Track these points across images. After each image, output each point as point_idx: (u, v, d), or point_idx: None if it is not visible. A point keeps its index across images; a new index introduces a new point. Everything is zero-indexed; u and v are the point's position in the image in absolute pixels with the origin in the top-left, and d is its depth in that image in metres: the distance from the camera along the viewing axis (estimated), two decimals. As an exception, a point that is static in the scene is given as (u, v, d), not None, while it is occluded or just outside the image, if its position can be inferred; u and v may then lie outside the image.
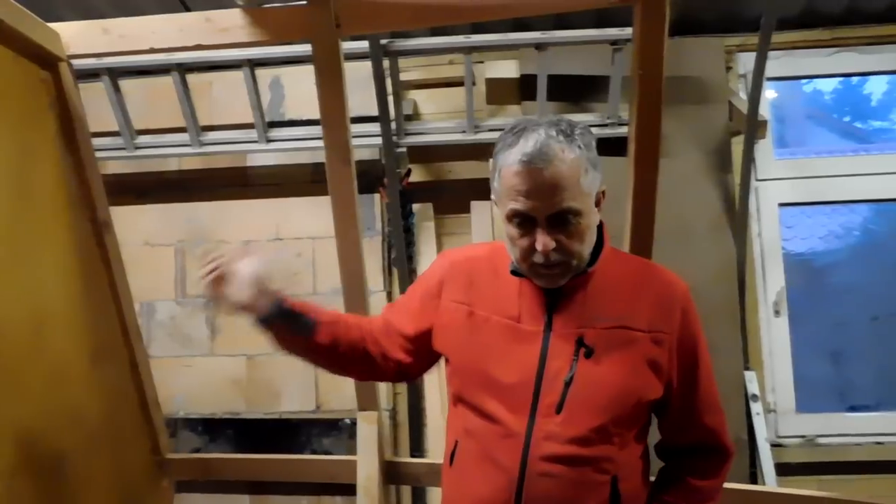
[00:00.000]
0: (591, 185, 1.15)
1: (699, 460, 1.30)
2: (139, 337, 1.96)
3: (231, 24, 1.66)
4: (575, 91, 2.69)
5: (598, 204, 1.19)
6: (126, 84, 2.70)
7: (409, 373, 1.41)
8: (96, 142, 2.66)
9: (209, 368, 2.80)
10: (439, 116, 2.78)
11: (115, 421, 1.86)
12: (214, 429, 2.76)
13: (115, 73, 2.58)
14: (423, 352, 1.34)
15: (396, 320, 1.37)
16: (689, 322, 1.24)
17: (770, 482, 2.44)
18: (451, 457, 1.26)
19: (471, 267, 1.32)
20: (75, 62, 1.76)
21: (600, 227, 1.24)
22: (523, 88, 2.69)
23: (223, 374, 2.78)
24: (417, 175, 2.72)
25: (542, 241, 1.12)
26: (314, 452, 2.66)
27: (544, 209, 1.11)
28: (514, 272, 1.23)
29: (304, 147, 2.69)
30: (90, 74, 2.57)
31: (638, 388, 1.17)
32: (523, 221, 1.14)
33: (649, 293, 1.23)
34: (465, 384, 1.25)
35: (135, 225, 2.86)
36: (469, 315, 1.25)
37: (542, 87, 2.50)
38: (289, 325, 1.29)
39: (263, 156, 2.81)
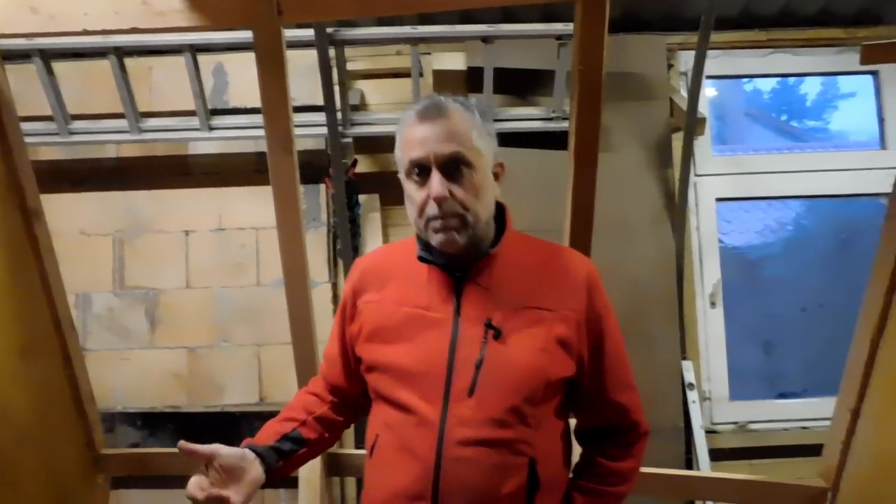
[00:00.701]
0: (486, 149, 1.22)
1: (614, 441, 1.31)
2: (72, 330, 1.89)
3: (168, 7, 1.61)
4: (521, 84, 2.72)
5: (497, 178, 1.26)
6: (60, 67, 2.59)
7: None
8: (28, 126, 2.57)
9: (149, 361, 2.73)
10: (386, 107, 2.77)
11: (47, 416, 1.79)
12: (154, 423, 2.70)
13: (48, 55, 2.48)
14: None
15: (330, 356, 1.41)
16: (596, 300, 1.26)
17: (704, 467, 2.53)
18: (372, 450, 1.26)
19: (380, 264, 1.35)
20: (2, 42, 1.69)
21: (503, 210, 1.29)
22: (470, 81, 2.69)
23: (163, 367, 2.72)
24: (364, 166, 2.71)
25: (436, 185, 1.16)
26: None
27: (437, 154, 1.17)
28: (421, 258, 1.25)
29: (248, 136, 2.65)
30: (21, 55, 2.47)
31: (548, 366, 1.19)
32: (420, 173, 1.19)
33: (555, 274, 1.26)
34: (380, 379, 1.24)
35: (70, 214, 2.77)
36: (380, 310, 1.27)
37: (488, 79, 2.52)
38: (286, 456, 1.30)
39: (205, 144, 2.75)
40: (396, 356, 1.22)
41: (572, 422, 1.35)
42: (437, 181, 1.16)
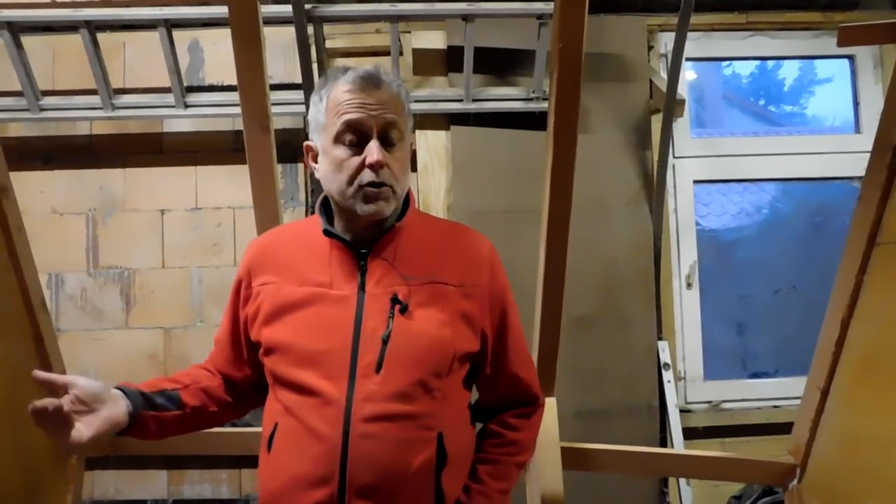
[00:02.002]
0: (409, 127, 1.26)
1: (513, 412, 1.33)
2: (44, 310, 1.86)
3: (141, -20, 1.58)
4: (501, 64, 2.69)
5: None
6: (30, 40, 2.53)
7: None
8: (-6, 102, 2.52)
9: (123, 342, 2.70)
10: (365, 86, 2.73)
11: (17, 398, 1.76)
12: (130, 404, 2.67)
13: (16, 28, 2.41)
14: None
15: (219, 339, 1.37)
16: (497, 277, 1.30)
17: (678, 445, 2.57)
18: (270, 442, 1.20)
19: (278, 245, 1.31)
20: (-33, 14, 1.64)
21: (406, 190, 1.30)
22: (450, 60, 2.67)
23: (138, 348, 2.69)
24: (342, 145, 2.68)
25: (376, 151, 1.16)
26: (234, 425, 2.62)
27: (377, 120, 1.18)
28: (326, 231, 1.24)
29: (225, 114, 2.61)
30: (-12, 29, 2.40)
31: (453, 339, 1.19)
32: (354, 137, 1.18)
33: (457, 250, 1.28)
34: (279, 361, 1.20)
35: (41, 192, 2.71)
36: (277, 293, 1.23)
37: (468, 58, 2.49)
38: (157, 409, 1.22)
39: (180, 121, 2.70)
40: (297, 336, 1.18)
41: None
42: (376, 148, 1.16)
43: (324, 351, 1.16)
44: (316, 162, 1.27)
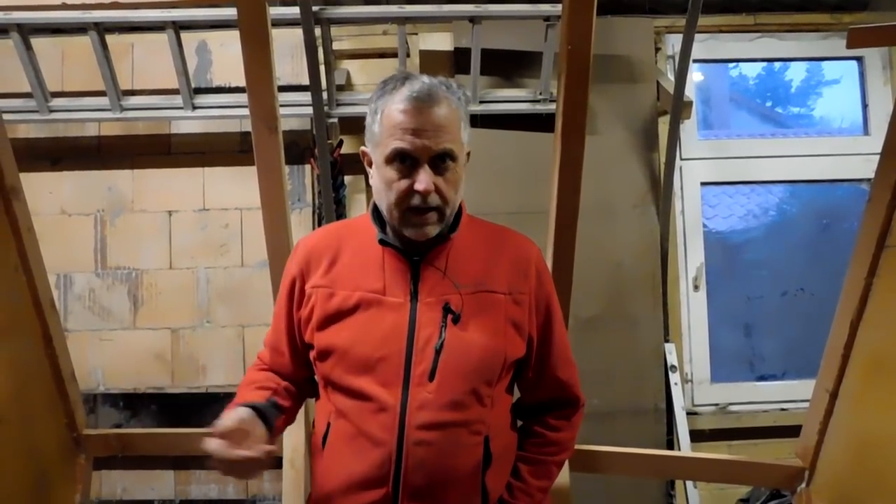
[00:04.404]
0: (467, 139, 1.23)
1: (554, 413, 1.36)
2: (53, 310, 1.87)
3: (150, -18, 1.58)
4: (508, 66, 2.70)
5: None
6: (39, 42, 2.54)
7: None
8: (6, 103, 2.54)
9: (131, 342, 2.71)
10: (372, 88, 2.71)
11: (26, 397, 1.77)
12: (137, 404, 2.68)
13: (26, 30, 2.42)
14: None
15: (275, 343, 1.38)
16: (544, 281, 1.32)
17: (685, 448, 2.56)
18: (324, 440, 1.24)
19: (329, 246, 1.30)
20: (-22, 16, 1.65)
21: None
22: (457, 61, 2.68)
23: (146, 348, 2.70)
24: (349, 146, 2.69)
25: (425, 179, 1.14)
26: (241, 427, 2.63)
27: (429, 149, 1.15)
28: (382, 241, 1.24)
29: (232, 115, 2.61)
30: (-2, 30, 2.42)
31: (504, 348, 1.22)
32: (405, 162, 1.16)
33: (505, 256, 1.29)
34: (335, 366, 1.22)
35: (49, 193, 2.73)
36: (330, 297, 1.23)
37: (475, 60, 2.50)
38: (273, 418, 1.25)
39: (188, 123, 2.71)
40: (353, 343, 1.20)
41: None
42: (425, 175, 1.15)
43: (379, 358, 1.18)
44: (371, 167, 1.26)
